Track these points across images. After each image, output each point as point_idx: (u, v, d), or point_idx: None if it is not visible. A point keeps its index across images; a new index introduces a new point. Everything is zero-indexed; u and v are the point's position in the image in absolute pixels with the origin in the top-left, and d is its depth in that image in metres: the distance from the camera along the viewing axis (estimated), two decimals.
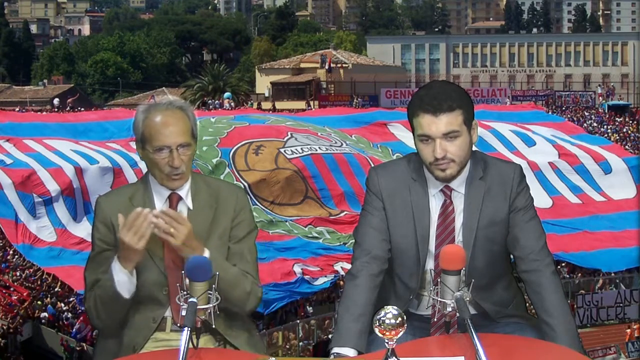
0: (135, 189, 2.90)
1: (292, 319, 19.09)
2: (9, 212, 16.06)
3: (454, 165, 2.66)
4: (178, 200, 2.85)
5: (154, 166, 2.81)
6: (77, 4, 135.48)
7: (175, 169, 2.78)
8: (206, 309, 2.43)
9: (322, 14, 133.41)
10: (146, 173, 2.90)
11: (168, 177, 2.80)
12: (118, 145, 18.63)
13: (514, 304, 2.87)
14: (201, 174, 3.02)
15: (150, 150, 2.79)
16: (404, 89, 50.58)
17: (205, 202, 2.86)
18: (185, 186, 2.86)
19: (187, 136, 2.79)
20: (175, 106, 2.83)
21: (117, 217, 2.76)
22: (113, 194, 2.99)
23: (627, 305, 21.40)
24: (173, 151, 2.77)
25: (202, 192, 2.88)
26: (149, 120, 2.80)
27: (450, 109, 2.62)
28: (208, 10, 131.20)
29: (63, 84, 68.54)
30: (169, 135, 2.77)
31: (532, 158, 20.35)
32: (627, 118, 45.91)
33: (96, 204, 2.91)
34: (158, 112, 2.81)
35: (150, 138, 2.79)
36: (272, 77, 55.91)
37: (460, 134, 2.64)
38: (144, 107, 2.85)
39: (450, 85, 2.72)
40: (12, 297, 19.04)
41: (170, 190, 2.84)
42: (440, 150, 2.63)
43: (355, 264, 2.72)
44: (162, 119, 2.79)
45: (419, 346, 2.50)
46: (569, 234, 18.09)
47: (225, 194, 2.90)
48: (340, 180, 18.60)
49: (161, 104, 2.83)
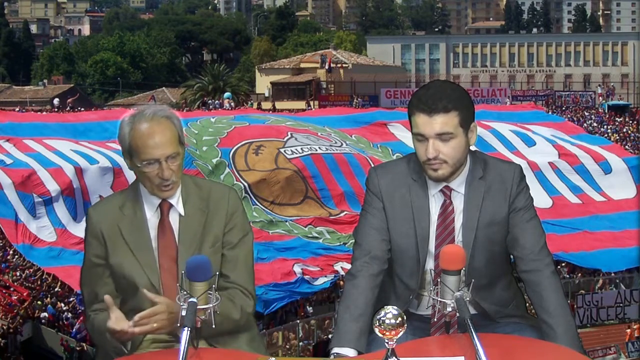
0: (125, 198, 2.87)
1: (292, 319, 19.09)
2: (9, 212, 16.06)
3: (446, 167, 2.66)
4: (169, 208, 2.83)
5: (144, 178, 2.79)
6: (77, 4, 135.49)
7: (166, 180, 2.75)
8: (206, 309, 2.43)
9: (322, 14, 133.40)
10: (136, 180, 2.87)
11: (158, 187, 2.78)
12: (118, 145, 18.57)
13: (514, 304, 2.86)
14: (191, 176, 2.98)
15: (138, 163, 2.76)
16: (404, 89, 50.58)
17: (197, 207, 2.83)
18: (176, 192, 2.83)
19: (174, 146, 2.75)
20: (160, 116, 2.77)
21: (107, 228, 2.79)
22: (102, 204, 2.96)
23: (627, 305, 21.39)
24: (162, 163, 2.73)
25: (193, 195, 2.85)
26: (135, 132, 2.75)
27: (446, 110, 2.61)
28: (208, 10, 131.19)
29: (63, 84, 68.59)
30: (156, 147, 2.72)
31: (532, 158, 20.34)
32: (627, 118, 45.91)
33: (87, 216, 2.89)
34: (143, 123, 2.76)
35: (137, 151, 2.75)
36: (272, 77, 55.91)
37: (455, 136, 2.63)
38: (128, 119, 2.80)
39: (450, 85, 2.70)
40: (12, 297, 19.03)
41: (161, 199, 2.83)
42: (432, 150, 2.62)
43: (355, 264, 2.72)
44: (148, 131, 2.74)
45: (419, 346, 2.50)
46: (569, 234, 18.09)
47: (216, 196, 2.86)
48: (340, 180, 18.60)
49: (146, 112, 2.78)
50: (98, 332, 2.75)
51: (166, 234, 2.82)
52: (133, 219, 2.82)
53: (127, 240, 2.80)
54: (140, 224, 2.82)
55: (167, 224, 2.82)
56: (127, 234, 2.80)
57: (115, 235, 2.81)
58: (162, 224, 2.82)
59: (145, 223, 2.82)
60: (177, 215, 2.83)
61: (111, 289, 2.80)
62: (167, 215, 2.82)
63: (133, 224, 2.82)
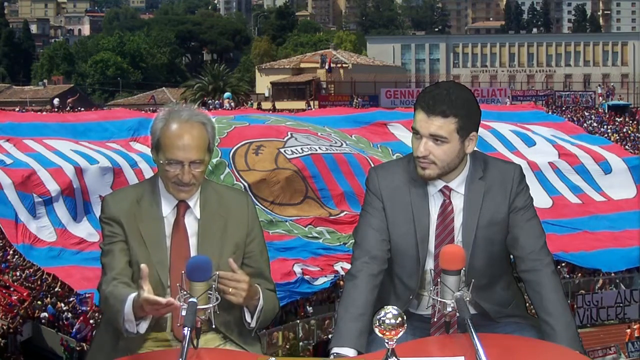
0: (142, 191, 2.86)
1: (292, 319, 19.09)
2: (9, 212, 16.06)
3: (434, 167, 2.66)
4: (186, 209, 2.83)
5: (164, 175, 2.78)
6: (77, 4, 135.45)
7: (185, 183, 2.75)
8: (206, 309, 2.43)
9: (322, 14, 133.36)
10: (156, 174, 2.87)
11: (175, 188, 2.78)
12: (118, 145, 18.63)
13: (514, 304, 2.87)
14: (211, 181, 2.97)
15: (162, 160, 2.76)
16: (404, 89, 50.58)
17: (215, 211, 2.84)
18: (195, 195, 2.83)
19: (201, 152, 2.74)
20: (195, 120, 2.77)
21: (124, 216, 2.77)
22: (120, 193, 2.93)
23: (627, 305, 21.40)
24: (184, 167, 2.73)
25: (212, 200, 2.85)
26: (166, 129, 2.75)
27: (444, 114, 2.61)
28: (208, 10, 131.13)
29: (63, 84, 68.49)
30: (183, 150, 2.72)
31: (532, 158, 20.33)
32: (627, 118, 45.88)
33: (103, 202, 2.87)
34: (177, 122, 2.75)
35: (164, 148, 2.75)
36: (272, 77, 55.90)
37: (448, 141, 2.63)
38: (164, 113, 2.79)
39: (458, 90, 2.66)
40: (12, 297, 19.03)
41: (178, 200, 2.82)
42: (423, 149, 2.64)
43: (355, 264, 2.72)
44: (179, 132, 2.73)
45: (419, 346, 2.50)
46: (569, 234, 18.08)
47: (236, 205, 2.87)
48: (340, 180, 18.59)
49: (182, 114, 2.76)
50: (117, 301, 2.62)
51: (180, 234, 2.82)
52: (150, 213, 2.82)
53: (143, 233, 2.79)
54: (156, 220, 2.82)
55: (182, 224, 2.82)
56: (143, 227, 2.80)
57: (131, 224, 2.80)
58: (177, 223, 2.82)
59: (161, 219, 2.82)
60: (193, 218, 2.83)
61: (126, 260, 2.77)
62: (183, 216, 2.82)
63: (150, 217, 2.81)
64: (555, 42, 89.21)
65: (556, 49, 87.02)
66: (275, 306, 2.87)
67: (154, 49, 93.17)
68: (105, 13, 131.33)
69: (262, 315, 2.75)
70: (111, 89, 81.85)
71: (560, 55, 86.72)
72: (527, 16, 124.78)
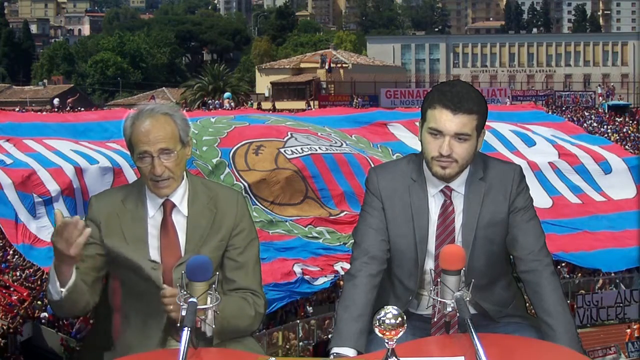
0: (128, 191, 2.87)
1: (292, 319, 19.09)
2: (9, 212, 16.04)
3: (455, 166, 2.66)
4: (172, 208, 2.82)
5: (142, 174, 2.80)
6: (77, 4, 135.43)
7: (157, 176, 2.74)
8: (206, 309, 2.43)
9: (322, 14, 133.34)
10: (141, 177, 2.88)
11: (153, 184, 2.78)
12: (118, 145, 18.59)
13: (514, 304, 2.87)
14: (200, 177, 2.98)
15: (135, 157, 2.78)
16: (404, 89, 50.57)
17: (204, 206, 2.84)
18: (179, 191, 2.82)
19: (170, 142, 2.75)
20: (159, 112, 2.78)
21: (105, 217, 2.79)
22: (106, 194, 2.95)
23: (627, 305, 21.40)
24: (154, 159, 2.73)
25: (201, 195, 2.85)
26: (134, 127, 2.77)
27: (469, 111, 2.62)
28: (208, 10, 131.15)
29: (63, 84, 68.51)
30: (149, 141, 2.73)
31: (532, 158, 20.32)
32: (627, 118, 45.87)
33: (89, 203, 2.89)
34: (142, 118, 2.77)
35: (135, 146, 2.77)
36: (272, 77, 55.89)
37: (470, 138, 2.65)
38: (132, 114, 2.82)
39: (473, 88, 2.71)
40: (12, 297, 19.03)
41: (163, 197, 2.82)
42: (447, 147, 2.62)
43: (354, 264, 2.72)
44: (145, 126, 2.75)
45: (419, 346, 2.50)
46: (569, 234, 18.07)
47: (225, 199, 2.87)
48: (340, 180, 18.58)
49: (145, 111, 2.79)
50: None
51: (169, 233, 2.81)
52: (134, 213, 2.82)
53: (125, 234, 2.80)
54: (139, 220, 2.82)
55: (170, 223, 2.82)
56: (126, 227, 2.80)
57: (113, 224, 2.81)
58: (165, 222, 2.82)
59: (145, 219, 2.82)
60: (181, 216, 2.83)
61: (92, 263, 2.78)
62: (170, 214, 2.82)
63: (132, 218, 2.82)
64: (555, 42, 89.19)
65: (556, 49, 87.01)
66: (249, 312, 2.78)
67: (154, 49, 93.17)
68: (105, 13, 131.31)
69: (225, 323, 2.61)
70: (111, 89, 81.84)
71: (560, 55, 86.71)
72: (527, 16, 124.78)
